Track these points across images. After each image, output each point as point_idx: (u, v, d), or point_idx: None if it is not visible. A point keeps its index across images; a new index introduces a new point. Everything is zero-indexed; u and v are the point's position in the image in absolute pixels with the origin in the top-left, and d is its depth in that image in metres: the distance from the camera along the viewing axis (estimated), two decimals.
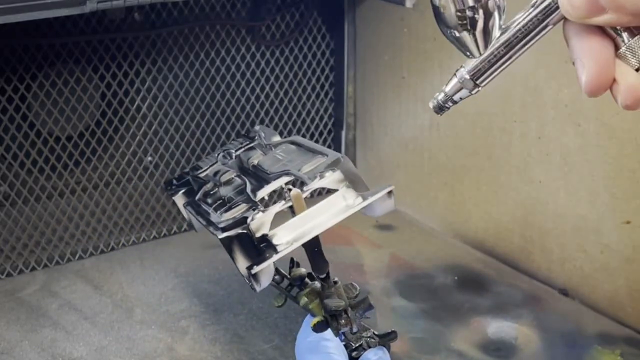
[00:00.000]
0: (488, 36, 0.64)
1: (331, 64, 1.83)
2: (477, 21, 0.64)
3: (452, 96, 0.69)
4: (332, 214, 0.98)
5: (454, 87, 0.68)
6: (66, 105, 1.56)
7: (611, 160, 1.34)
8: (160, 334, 1.32)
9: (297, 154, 1.11)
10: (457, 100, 0.69)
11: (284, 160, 1.09)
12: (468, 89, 0.67)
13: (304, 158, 1.09)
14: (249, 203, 1.01)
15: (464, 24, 0.64)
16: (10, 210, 1.54)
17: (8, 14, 1.21)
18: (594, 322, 1.37)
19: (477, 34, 0.64)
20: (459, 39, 0.64)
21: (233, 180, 1.09)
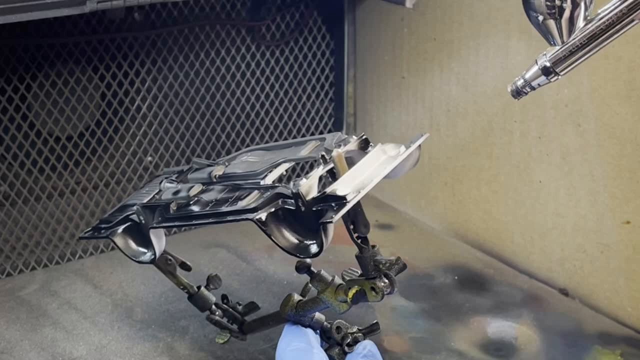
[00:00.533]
0: (572, 25, 0.65)
1: (331, 64, 1.83)
2: (565, 10, 0.64)
3: (530, 82, 0.70)
4: (381, 164, 0.93)
5: (533, 74, 0.69)
6: (66, 105, 1.56)
7: (611, 160, 1.34)
8: (160, 334, 1.32)
9: (276, 151, 1.06)
10: (535, 86, 0.70)
11: (264, 158, 1.05)
12: (547, 76, 0.68)
13: (290, 150, 1.04)
14: (262, 189, 0.95)
15: (552, 12, 0.64)
16: (10, 210, 1.54)
17: (8, 14, 1.21)
18: (594, 322, 1.37)
19: (562, 22, 0.65)
20: (544, 25, 0.65)
21: (208, 190, 1.03)
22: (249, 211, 0.90)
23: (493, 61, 1.49)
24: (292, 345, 0.98)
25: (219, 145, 1.73)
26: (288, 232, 0.90)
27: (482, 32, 1.49)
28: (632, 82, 1.28)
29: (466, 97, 1.56)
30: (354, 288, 0.95)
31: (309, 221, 0.88)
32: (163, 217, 1.01)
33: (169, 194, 1.04)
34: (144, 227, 1.05)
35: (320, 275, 0.99)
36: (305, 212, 0.88)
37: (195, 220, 1.00)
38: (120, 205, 1.14)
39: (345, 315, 1.27)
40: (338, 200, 0.86)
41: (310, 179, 0.89)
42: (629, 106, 1.29)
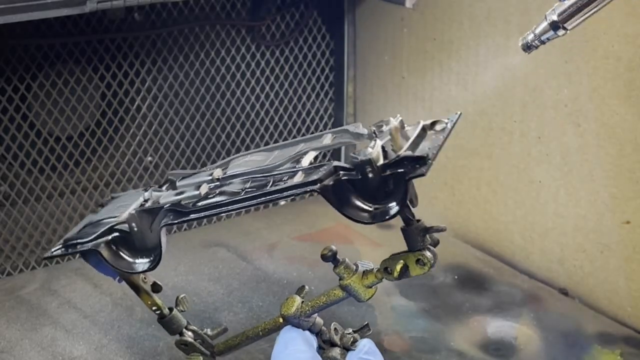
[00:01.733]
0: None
1: (331, 64, 1.83)
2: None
3: (540, 36, 0.71)
4: (432, 136, 0.96)
5: (543, 29, 0.71)
6: (66, 105, 1.56)
7: (611, 160, 1.34)
8: (160, 333, 1.32)
9: (283, 149, 1.06)
10: (544, 40, 0.72)
11: (273, 155, 1.04)
12: (556, 30, 0.71)
13: (303, 145, 1.04)
14: (305, 170, 0.95)
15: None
16: (10, 210, 1.54)
17: (8, 14, 1.21)
18: (594, 322, 1.37)
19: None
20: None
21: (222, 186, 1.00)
22: (311, 183, 0.90)
23: (493, 61, 1.49)
24: (290, 348, 0.98)
25: (219, 145, 1.73)
26: (358, 201, 0.91)
27: (482, 32, 1.49)
28: (632, 82, 1.28)
29: (466, 97, 1.56)
30: (399, 263, 0.95)
31: (380, 186, 0.90)
32: (178, 213, 0.98)
33: (170, 197, 1.03)
34: (137, 234, 1.01)
35: (346, 262, 0.99)
36: (373, 179, 0.89)
37: (232, 206, 0.95)
38: (85, 224, 1.07)
39: (345, 315, 1.27)
40: (416, 162, 0.88)
41: (376, 147, 0.90)
42: (629, 106, 1.29)
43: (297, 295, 1.02)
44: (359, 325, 1.04)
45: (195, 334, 1.08)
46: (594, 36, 1.31)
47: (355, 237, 1.62)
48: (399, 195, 0.89)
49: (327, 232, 1.64)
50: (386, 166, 0.88)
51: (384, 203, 0.91)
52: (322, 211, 1.69)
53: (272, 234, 1.65)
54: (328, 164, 0.91)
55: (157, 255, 1.00)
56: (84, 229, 1.05)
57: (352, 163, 0.90)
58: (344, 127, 1.03)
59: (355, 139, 1.02)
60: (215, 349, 1.10)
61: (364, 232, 1.63)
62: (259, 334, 1.05)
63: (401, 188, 0.89)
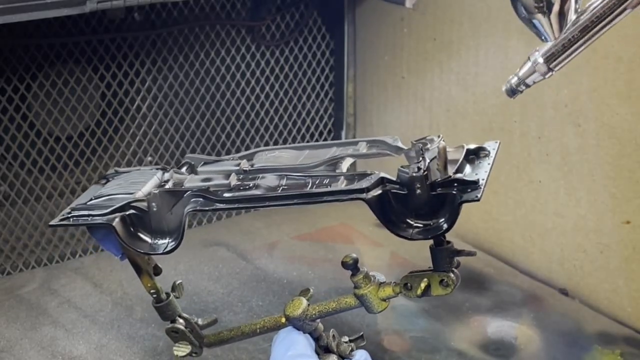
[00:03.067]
0: (563, 19, 0.64)
1: (331, 64, 1.83)
2: (553, 4, 0.63)
3: (525, 80, 0.69)
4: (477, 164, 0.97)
5: (527, 71, 0.68)
6: (66, 105, 1.56)
7: (611, 160, 1.34)
8: (160, 332, 1.32)
9: (313, 150, 1.05)
10: (529, 83, 0.69)
11: (303, 155, 1.04)
12: (541, 72, 0.67)
13: (337, 149, 1.04)
14: (347, 176, 0.94)
15: (540, 6, 0.63)
16: (10, 210, 1.54)
17: (8, 14, 1.21)
18: (594, 322, 1.37)
19: (552, 17, 0.64)
20: (534, 21, 0.64)
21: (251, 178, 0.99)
22: (358, 191, 0.90)
23: (493, 61, 1.49)
24: (292, 351, 0.97)
25: (219, 145, 1.73)
26: (403, 216, 0.91)
27: (482, 32, 1.49)
28: (632, 82, 1.28)
29: (466, 97, 1.56)
30: (423, 282, 0.95)
31: (426, 204, 0.90)
32: (207, 200, 0.95)
33: (196, 182, 1.00)
34: (154, 215, 0.99)
35: (366, 272, 0.99)
36: (420, 196, 0.89)
37: (269, 202, 0.94)
38: (92, 196, 1.03)
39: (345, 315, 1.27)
40: (467, 185, 0.88)
41: (425, 166, 0.90)
42: (629, 106, 1.29)
43: (303, 298, 1.01)
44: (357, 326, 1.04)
45: (187, 323, 1.08)
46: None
47: (356, 237, 1.62)
48: (445, 215, 0.89)
49: (327, 232, 1.64)
50: (436, 185, 0.88)
51: (429, 220, 0.90)
52: (322, 211, 1.69)
53: (272, 233, 1.65)
54: (375, 174, 0.91)
55: (178, 239, 0.98)
56: (92, 201, 1.02)
57: (401, 178, 0.90)
58: (380, 138, 1.03)
59: (394, 152, 1.01)
60: (205, 340, 1.09)
61: (364, 232, 1.63)
62: (256, 331, 1.04)
63: (448, 208, 0.89)
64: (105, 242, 1.00)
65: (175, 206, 0.98)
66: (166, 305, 1.07)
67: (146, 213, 0.98)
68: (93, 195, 1.03)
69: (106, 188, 1.05)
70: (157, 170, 1.06)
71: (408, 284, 0.95)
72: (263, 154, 1.06)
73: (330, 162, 0.99)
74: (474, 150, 0.97)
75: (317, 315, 0.99)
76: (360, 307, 0.99)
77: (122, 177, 1.08)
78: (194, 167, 1.07)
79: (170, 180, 1.02)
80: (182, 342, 1.07)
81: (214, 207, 0.95)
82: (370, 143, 1.03)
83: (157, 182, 1.03)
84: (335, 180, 0.94)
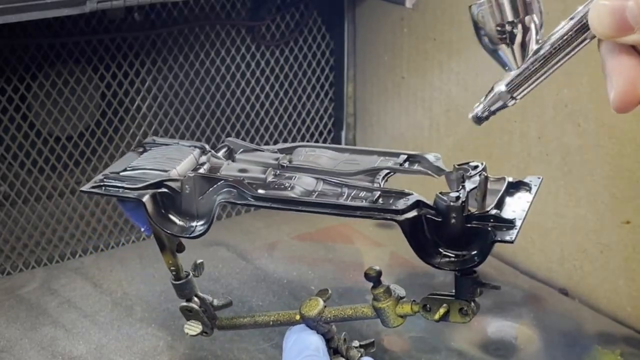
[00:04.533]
0: (525, 50, 0.66)
1: (331, 64, 1.83)
2: (516, 35, 0.65)
3: (489, 108, 0.71)
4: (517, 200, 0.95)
5: (491, 100, 0.71)
6: (66, 105, 1.56)
7: (611, 160, 1.34)
8: (160, 332, 1.32)
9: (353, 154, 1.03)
10: (494, 111, 0.71)
11: (343, 158, 1.02)
12: (504, 100, 0.70)
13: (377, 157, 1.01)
14: (383, 192, 0.92)
15: (503, 37, 0.65)
16: (10, 210, 1.54)
17: (8, 14, 1.21)
18: (594, 322, 1.37)
19: (514, 48, 0.66)
20: (497, 52, 0.66)
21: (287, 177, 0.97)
22: (393, 212, 0.88)
23: (493, 61, 1.48)
24: (305, 353, 0.97)
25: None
26: (436, 244, 0.89)
27: None
28: None
29: (466, 97, 1.56)
30: (443, 307, 0.94)
31: (459, 235, 0.88)
32: (241, 194, 0.93)
33: (232, 171, 0.99)
34: (186, 197, 0.97)
35: (388, 287, 0.98)
36: (454, 226, 0.88)
37: (302, 207, 0.92)
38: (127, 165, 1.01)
39: None
40: (502, 223, 0.87)
41: (464, 196, 0.88)
42: None
43: (320, 299, 1.01)
44: (357, 325, 1.03)
45: (202, 302, 1.07)
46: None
47: (356, 237, 1.62)
48: (477, 249, 0.88)
49: (328, 232, 1.64)
50: (472, 218, 0.87)
51: (460, 251, 0.89)
52: None
53: (272, 233, 1.66)
54: (412, 196, 0.90)
55: (206, 225, 0.97)
56: (125, 172, 1.00)
57: (439, 204, 0.88)
58: (423, 155, 1.01)
59: (434, 172, 0.99)
60: (218, 322, 1.08)
61: (364, 232, 1.63)
62: (269, 322, 1.04)
63: (480, 243, 0.87)
64: (133, 214, 0.99)
65: (208, 192, 0.97)
66: (184, 283, 1.06)
67: (178, 194, 0.97)
68: (128, 165, 1.02)
69: (142, 159, 1.04)
70: (195, 148, 1.04)
71: (427, 306, 0.95)
72: (302, 151, 1.04)
73: (368, 172, 0.98)
74: (515, 184, 0.96)
75: (331, 318, 0.99)
76: (376, 318, 0.98)
77: (159, 150, 1.06)
78: (232, 153, 1.06)
79: (206, 163, 1.01)
80: (194, 321, 1.07)
81: (247, 202, 0.94)
82: (412, 158, 1.01)
83: (193, 163, 1.02)
84: (371, 194, 0.93)
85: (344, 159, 1.01)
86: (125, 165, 1.02)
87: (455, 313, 0.93)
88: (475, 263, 0.88)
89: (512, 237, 0.86)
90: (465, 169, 0.96)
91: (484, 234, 0.87)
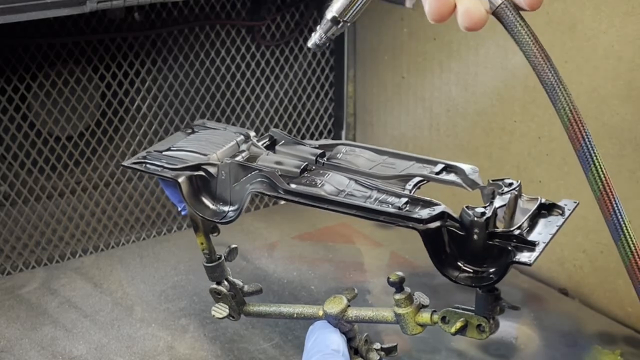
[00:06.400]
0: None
1: (331, 64, 1.83)
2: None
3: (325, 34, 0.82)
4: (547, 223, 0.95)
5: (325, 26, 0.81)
6: (66, 105, 1.56)
7: (611, 160, 1.34)
8: (161, 332, 1.32)
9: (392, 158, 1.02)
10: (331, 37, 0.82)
11: (379, 160, 1.01)
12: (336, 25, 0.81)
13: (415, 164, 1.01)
14: (411, 199, 0.92)
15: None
16: (10, 210, 1.54)
17: (8, 14, 1.21)
18: (594, 322, 1.37)
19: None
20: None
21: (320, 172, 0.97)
22: (414, 220, 0.88)
23: (493, 61, 1.49)
24: (325, 351, 0.96)
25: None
26: (455, 258, 0.89)
27: (482, 32, 1.49)
28: (632, 82, 1.28)
29: (466, 97, 1.56)
30: (460, 321, 0.94)
31: (480, 251, 0.88)
32: (272, 186, 0.94)
33: (269, 162, 0.99)
34: (221, 183, 0.98)
35: (410, 294, 0.98)
36: (476, 242, 0.87)
37: (327, 205, 0.93)
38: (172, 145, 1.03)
39: None
40: (524, 244, 0.86)
41: (491, 212, 0.87)
42: (629, 106, 1.29)
43: (344, 297, 1.01)
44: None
45: (231, 287, 1.07)
46: (594, 36, 1.31)
47: (356, 237, 1.62)
48: (496, 267, 0.87)
49: (328, 231, 1.64)
50: (494, 235, 0.87)
51: (479, 267, 0.89)
52: (322, 210, 1.68)
53: (272, 233, 1.66)
54: (438, 207, 0.89)
55: (237, 212, 0.98)
56: (168, 152, 1.02)
57: (464, 218, 0.88)
58: (460, 165, 1.00)
59: (469, 186, 0.99)
60: (245, 308, 1.08)
61: (364, 232, 1.63)
62: (292, 315, 1.04)
63: (500, 262, 0.87)
64: (171, 193, 1.01)
65: (242, 180, 0.98)
66: (216, 266, 1.08)
67: (213, 178, 0.99)
68: (172, 145, 1.04)
69: (187, 141, 1.05)
70: (239, 135, 1.06)
71: (446, 318, 0.95)
72: (342, 149, 1.04)
73: (402, 178, 0.98)
74: (548, 205, 0.95)
75: (353, 319, 0.99)
76: (395, 323, 0.98)
77: (205, 134, 1.08)
78: (274, 144, 1.07)
79: (246, 151, 1.02)
80: (222, 305, 1.08)
81: (277, 195, 0.95)
82: (449, 168, 1.01)
83: (234, 149, 1.03)
84: (398, 200, 0.93)
85: (381, 161, 1.01)
86: (170, 145, 1.04)
87: (472, 328, 0.93)
88: (491, 281, 0.87)
89: (531, 260, 0.85)
90: (499, 185, 0.95)
91: (505, 253, 0.86)
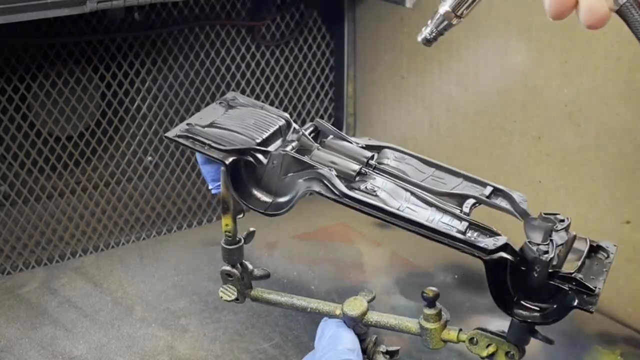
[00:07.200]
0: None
1: (331, 64, 1.83)
2: None
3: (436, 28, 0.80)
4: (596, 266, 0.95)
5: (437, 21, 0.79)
6: (66, 105, 1.56)
7: (611, 160, 1.34)
8: (161, 332, 1.32)
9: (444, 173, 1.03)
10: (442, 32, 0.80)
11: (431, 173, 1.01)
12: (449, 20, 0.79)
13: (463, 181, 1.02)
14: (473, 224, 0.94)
15: None
16: (10, 210, 1.54)
17: (8, 14, 1.22)
18: (594, 322, 1.37)
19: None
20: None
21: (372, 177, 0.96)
22: (482, 250, 0.89)
23: (493, 61, 1.49)
24: (339, 348, 0.96)
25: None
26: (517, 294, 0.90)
27: (482, 32, 1.49)
28: (632, 82, 1.28)
29: (466, 97, 1.56)
30: (492, 347, 0.95)
31: (539, 288, 0.89)
32: (330, 189, 0.91)
33: (323, 160, 0.96)
34: (269, 171, 0.96)
35: (440, 310, 0.98)
36: (536, 279, 0.88)
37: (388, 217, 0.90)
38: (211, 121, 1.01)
39: None
40: (583, 289, 0.87)
41: (553, 251, 0.88)
42: (629, 106, 1.29)
43: (365, 300, 1.00)
44: None
45: (243, 270, 1.07)
46: (594, 36, 1.31)
47: (356, 237, 1.62)
48: (553, 307, 0.89)
49: (327, 231, 1.64)
50: (556, 275, 0.87)
51: (535, 304, 0.90)
52: (322, 210, 1.68)
53: (272, 232, 1.65)
54: (501, 238, 0.90)
55: (288, 207, 0.96)
56: (211, 129, 0.99)
57: (527, 254, 0.88)
58: (509, 192, 1.01)
59: (519, 214, 0.98)
60: (253, 294, 1.08)
61: (364, 232, 1.63)
62: (306, 309, 1.04)
63: (558, 303, 0.88)
64: (206, 167, 0.99)
65: (294, 174, 0.96)
66: (235, 249, 1.07)
67: (262, 165, 0.96)
68: (213, 120, 1.02)
69: (228, 117, 1.03)
70: (280, 119, 1.03)
71: (475, 339, 0.95)
72: (389, 153, 1.03)
73: (454, 196, 0.98)
74: (594, 247, 0.95)
75: (372, 323, 0.99)
76: (418, 335, 0.98)
77: (246, 112, 1.05)
78: (320, 136, 1.04)
79: (296, 142, 1.00)
80: (231, 287, 1.08)
81: (334, 198, 0.92)
82: (497, 191, 1.01)
83: (277, 135, 1.01)
84: (460, 223, 0.93)
85: (430, 173, 1.01)
86: (211, 120, 1.02)
87: (502, 355, 0.95)
88: (550, 321, 0.89)
89: (592, 309, 0.87)
90: (551, 220, 0.95)
91: (563, 294, 0.87)
